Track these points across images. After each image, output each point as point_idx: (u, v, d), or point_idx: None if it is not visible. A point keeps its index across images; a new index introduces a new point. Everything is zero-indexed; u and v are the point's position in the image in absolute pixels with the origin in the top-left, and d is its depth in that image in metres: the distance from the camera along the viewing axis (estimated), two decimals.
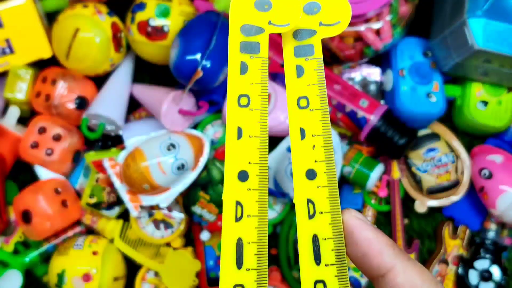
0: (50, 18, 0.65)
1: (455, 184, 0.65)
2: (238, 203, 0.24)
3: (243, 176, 0.24)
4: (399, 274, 0.23)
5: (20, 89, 0.63)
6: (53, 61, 0.64)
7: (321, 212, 0.24)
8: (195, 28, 0.57)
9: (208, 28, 0.57)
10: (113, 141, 0.67)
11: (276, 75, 0.63)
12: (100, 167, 0.62)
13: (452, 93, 0.64)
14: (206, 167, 0.61)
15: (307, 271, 0.23)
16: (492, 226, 0.64)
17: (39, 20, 0.62)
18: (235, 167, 0.24)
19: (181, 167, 0.59)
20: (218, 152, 0.62)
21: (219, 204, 0.60)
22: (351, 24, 0.59)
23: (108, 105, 0.63)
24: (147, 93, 0.64)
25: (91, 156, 0.63)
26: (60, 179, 0.64)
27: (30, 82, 0.63)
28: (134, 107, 0.67)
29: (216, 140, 0.65)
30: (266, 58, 0.27)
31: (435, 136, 0.65)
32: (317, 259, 0.23)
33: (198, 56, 0.56)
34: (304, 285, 0.23)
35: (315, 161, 0.24)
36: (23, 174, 0.67)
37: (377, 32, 0.60)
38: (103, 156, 0.62)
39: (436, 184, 0.64)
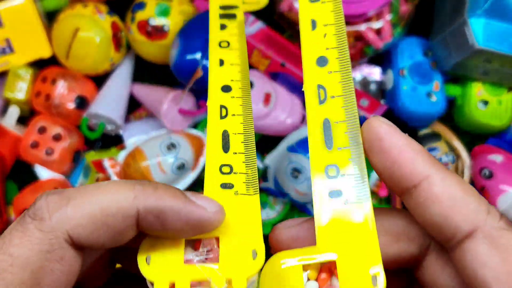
0: (50, 17, 0.65)
1: None
2: (222, 106, 0.25)
3: (226, 88, 0.25)
4: (436, 183, 0.19)
5: (20, 88, 0.63)
6: (53, 61, 0.64)
7: (332, 97, 0.22)
8: (195, 28, 0.57)
9: (208, 28, 0.57)
10: (113, 141, 0.67)
11: (276, 75, 0.63)
12: (100, 167, 0.62)
13: (452, 92, 0.64)
14: None
15: (318, 156, 0.21)
16: None
17: (39, 20, 0.62)
18: (218, 83, 0.26)
19: (181, 167, 0.59)
20: None
21: None
22: (351, 24, 0.59)
23: (108, 105, 0.63)
24: (147, 93, 0.64)
25: (91, 156, 0.63)
26: (60, 179, 0.64)
27: (30, 81, 0.63)
28: (134, 107, 0.67)
29: None
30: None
31: (435, 136, 0.65)
32: (329, 143, 0.21)
33: (198, 55, 0.56)
34: (315, 169, 0.21)
35: (326, 49, 0.23)
36: (23, 174, 0.67)
37: (378, 32, 0.60)
38: (103, 156, 0.62)
39: None
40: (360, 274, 0.18)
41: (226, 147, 0.23)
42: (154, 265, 0.19)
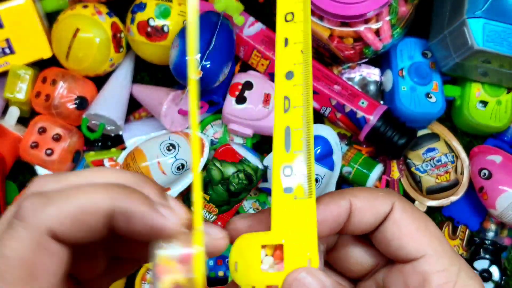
0: (50, 18, 0.65)
1: (455, 184, 0.65)
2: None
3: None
4: (360, 208, 0.26)
5: (20, 89, 0.63)
6: (53, 61, 0.64)
7: (294, 107, 0.26)
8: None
9: (208, 28, 0.57)
10: (113, 141, 0.67)
11: None
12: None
13: (451, 93, 0.65)
14: (206, 167, 0.61)
15: (278, 157, 0.25)
16: (492, 226, 0.64)
17: (39, 20, 0.62)
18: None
19: (181, 167, 0.59)
20: (218, 152, 0.62)
21: (218, 204, 0.61)
22: (350, 25, 0.59)
23: (108, 105, 0.63)
24: (147, 93, 0.64)
25: (91, 156, 0.63)
26: None
27: (30, 82, 0.63)
28: (134, 107, 0.67)
29: (216, 140, 0.65)
30: None
31: (434, 136, 0.65)
32: (288, 147, 0.25)
33: (198, 56, 0.56)
34: (274, 169, 0.25)
35: (294, 64, 0.27)
36: (23, 174, 0.67)
37: (377, 32, 0.60)
38: (103, 156, 0.62)
39: (436, 184, 0.64)
40: (300, 255, 0.23)
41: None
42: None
